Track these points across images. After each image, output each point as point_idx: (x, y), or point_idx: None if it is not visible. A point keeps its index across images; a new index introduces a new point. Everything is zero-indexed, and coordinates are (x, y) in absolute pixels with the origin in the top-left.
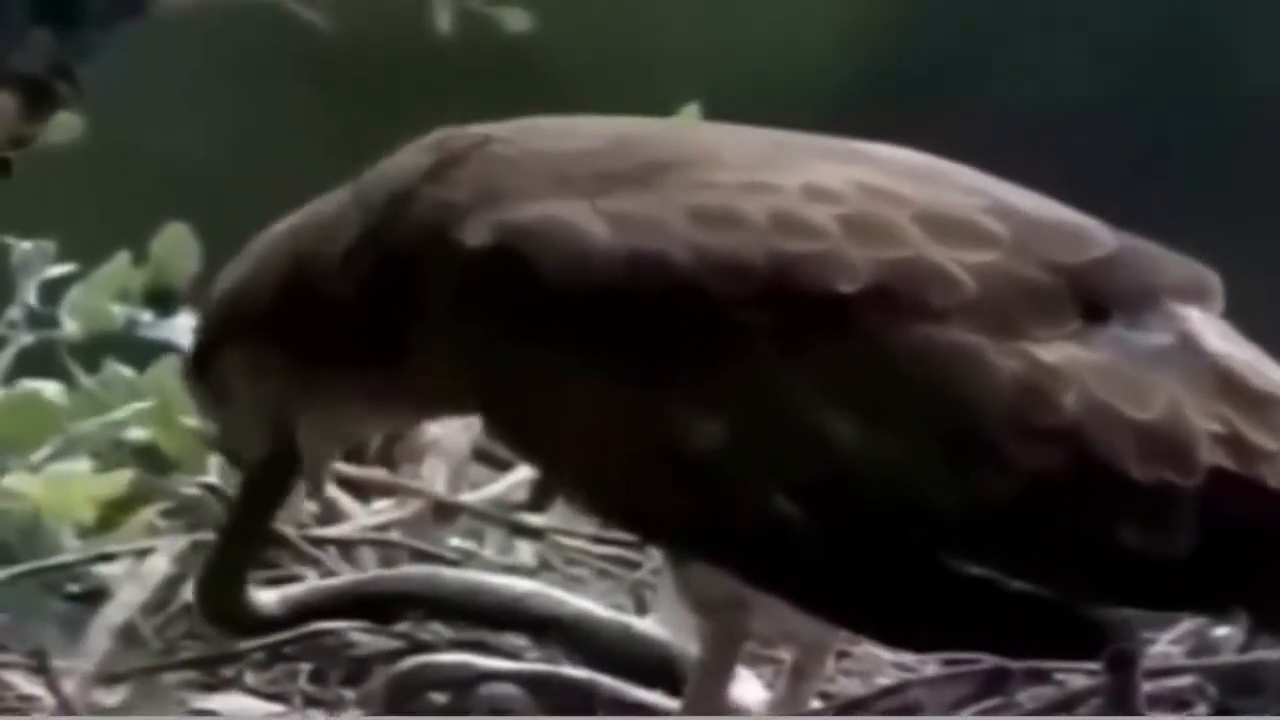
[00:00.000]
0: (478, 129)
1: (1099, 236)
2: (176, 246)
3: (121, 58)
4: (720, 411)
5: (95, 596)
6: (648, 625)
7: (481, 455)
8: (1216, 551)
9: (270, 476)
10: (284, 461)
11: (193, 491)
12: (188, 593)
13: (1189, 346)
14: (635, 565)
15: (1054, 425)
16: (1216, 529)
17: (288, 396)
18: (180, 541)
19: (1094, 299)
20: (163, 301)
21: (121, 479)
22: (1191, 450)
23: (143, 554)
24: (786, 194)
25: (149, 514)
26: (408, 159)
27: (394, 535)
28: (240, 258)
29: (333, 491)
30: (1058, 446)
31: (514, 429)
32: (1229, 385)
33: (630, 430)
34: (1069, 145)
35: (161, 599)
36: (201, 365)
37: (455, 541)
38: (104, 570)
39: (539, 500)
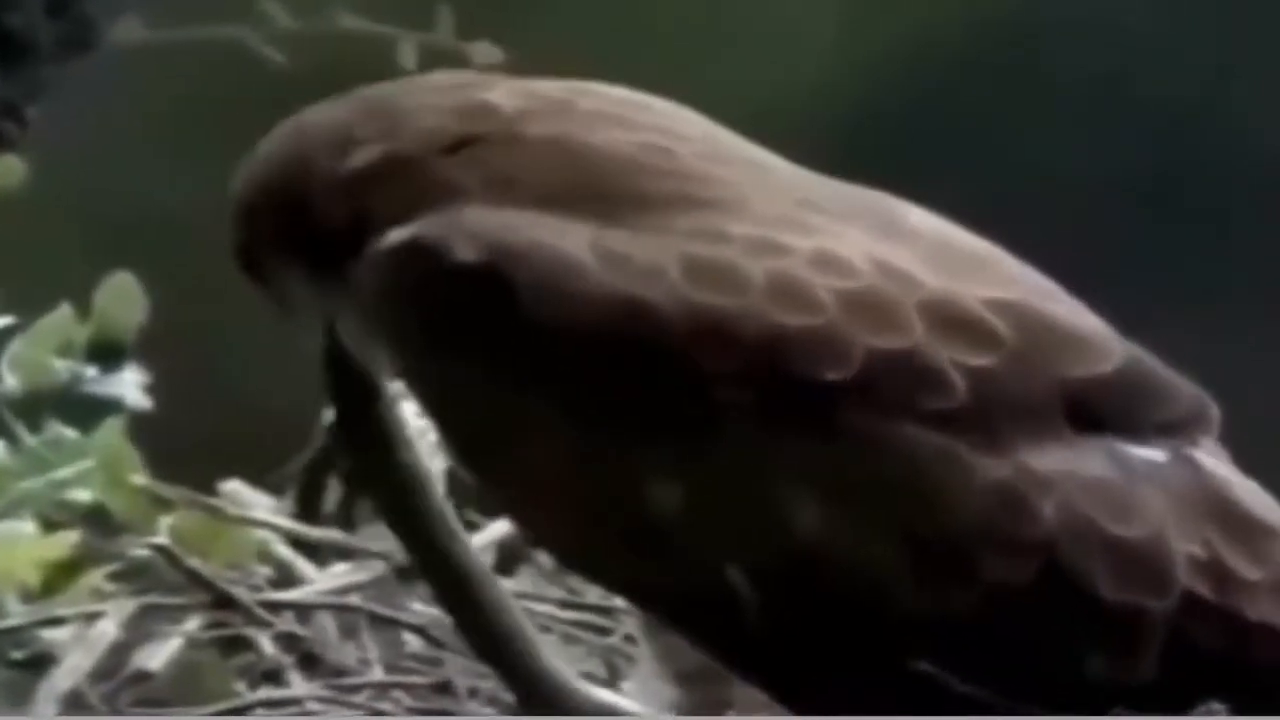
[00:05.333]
0: (525, 90)
1: (1105, 349)
2: (122, 297)
3: (66, 97)
4: (683, 476)
5: (40, 662)
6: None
7: None
8: (1181, 678)
9: (342, 377)
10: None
11: (142, 553)
12: (137, 659)
13: (1181, 467)
14: (606, 631)
15: (1028, 536)
16: (1183, 656)
17: (316, 298)
18: (129, 605)
19: (1089, 414)
20: (108, 355)
21: (67, 540)
22: (1167, 572)
23: (90, 618)
24: (794, 259)
25: (96, 577)
26: (436, 118)
27: (353, 599)
28: (260, 150)
29: (288, 554)
30: (1029, 558)
31: (474, 459)
32: (1217, 509)
33: (589, 479)
34: (1070, 206)
35: (110, 665)
36: (250, 270)
37: (418, 606)
38: (49, 635)
39: (506, 564)
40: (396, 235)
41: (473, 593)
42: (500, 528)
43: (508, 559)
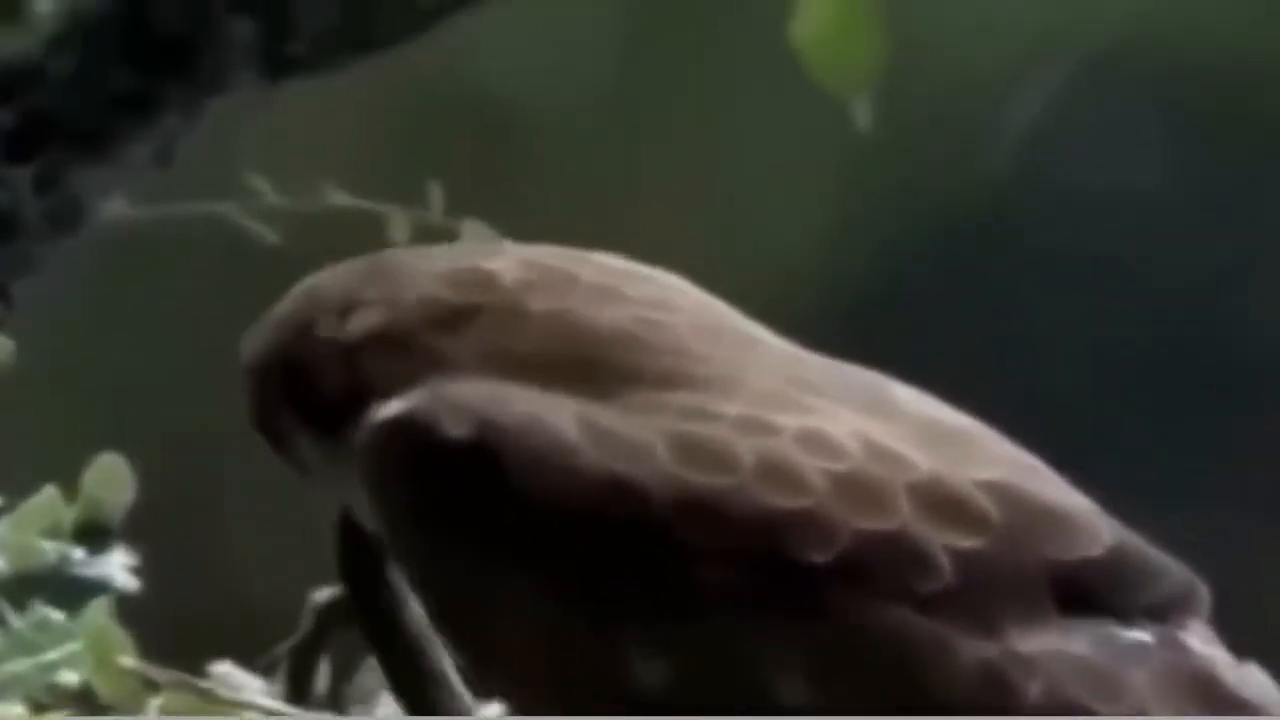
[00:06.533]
0: (528, 260)
1: (1094, 531)
2: (109, 479)
3: (52, 275)
4: (668, 655)
5: None
6: None
7: None
8: None
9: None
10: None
11: None
12: None
13: (1169, 648)
14: None
15: (1013, 716)
16: None
17: (324, 463)
18: None
19: (1078, 596)
20: (95, 537)
21: None
22: None
23: None
24: (782, 438)
25: None
26: (435, 288)
27: None
28: (272, 311)
29: None
30: None
31: (459, 635)
32: (1203, 691)
33: (575, 657)
34: (1070, 379)
35: None
36: (264, 433)
37: None
38: None
39: None
40: (386, 410)
41: None
42: (492, 712)
43: None
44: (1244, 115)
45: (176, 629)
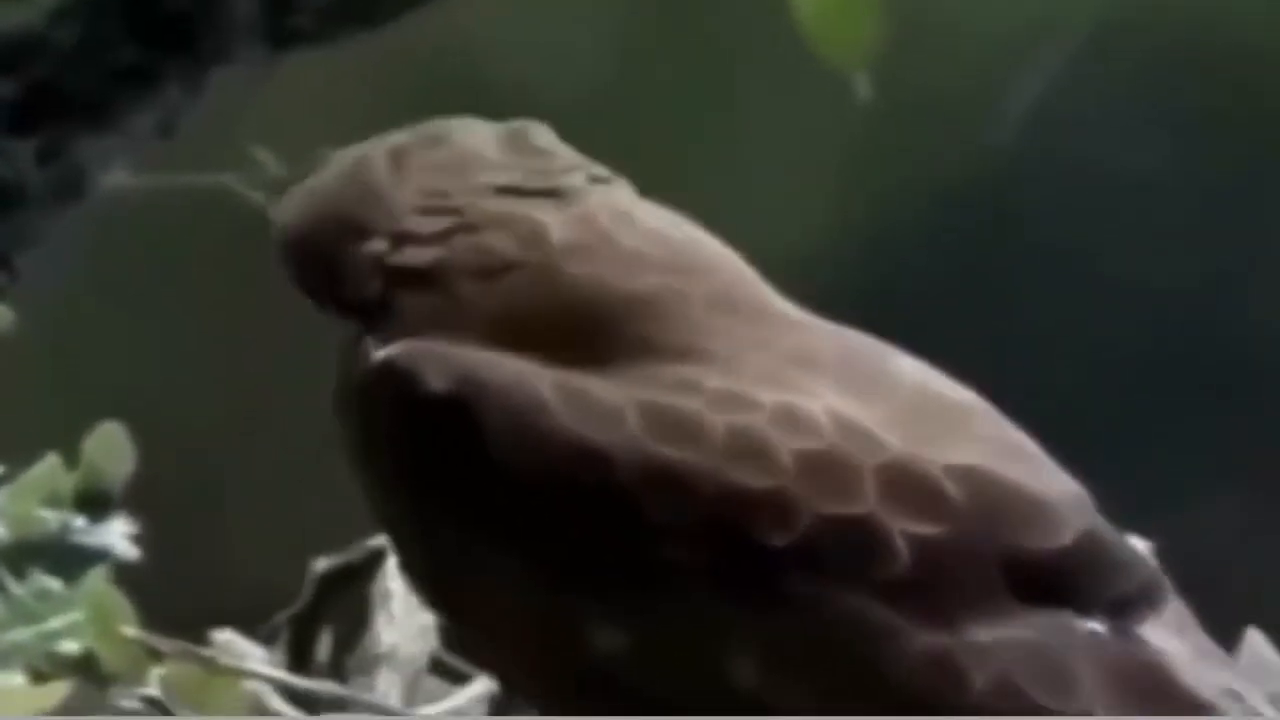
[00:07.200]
0: (582, 214)
1: (1063, 520)
2: (110, 447)
3: (54, 245)
4: (627, 627)
5: None
6: None
7: (438, 667)
8: None
9: None
10: None
11: (134, 705)
12: None
13: (1124, 640)
14: None
15: (957, 705)
16: None
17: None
18: None
19: (1038, 586)
20: (95, 506)
21: (59, 691)
22: None
23: None
24: (757, 415)
25: None
26: (498, 240)
27: None
28: (318, 181)
29: (278, 704)
30: None
31: (427, 588)
32: (1154, 683)
33: (538, 621)
34: (1070, 379)
35: None
36: (309, 297)
37: None
38: None
39: (499, 714)
40: (379, 354)
41: None
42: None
43: (499, 709)
44: (1247, 104)
45: (177, 598)
